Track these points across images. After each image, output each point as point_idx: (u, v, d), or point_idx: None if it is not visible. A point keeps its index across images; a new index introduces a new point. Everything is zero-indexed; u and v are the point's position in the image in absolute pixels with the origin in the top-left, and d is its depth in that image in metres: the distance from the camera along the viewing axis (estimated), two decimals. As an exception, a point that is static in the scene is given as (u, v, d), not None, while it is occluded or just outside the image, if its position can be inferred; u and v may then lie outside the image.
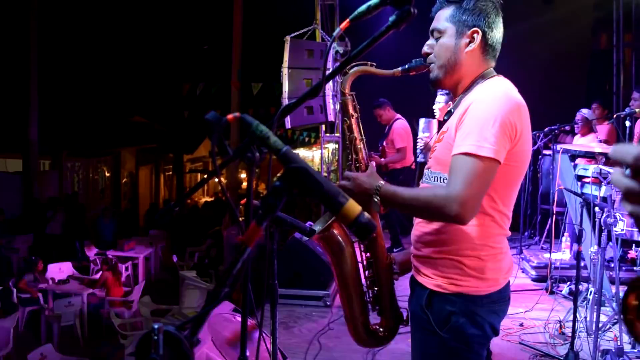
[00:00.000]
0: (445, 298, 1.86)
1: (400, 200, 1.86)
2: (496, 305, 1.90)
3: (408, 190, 1.87)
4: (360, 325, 2.12)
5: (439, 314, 1.87)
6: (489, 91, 1.84)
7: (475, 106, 1.79)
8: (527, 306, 5.14)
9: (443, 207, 1.71)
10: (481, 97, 1.81)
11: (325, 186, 0.95)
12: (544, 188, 7.28)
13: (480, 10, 1.88)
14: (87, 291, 9.05)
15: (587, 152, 5.74)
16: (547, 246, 6.67)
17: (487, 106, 1.77)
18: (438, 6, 1.97)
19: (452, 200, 1.69)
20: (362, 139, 2.08)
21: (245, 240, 0.99)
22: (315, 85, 1.30)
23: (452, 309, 1.85)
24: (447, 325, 1.85)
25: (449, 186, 1.73)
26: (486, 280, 1.85)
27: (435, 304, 1.88)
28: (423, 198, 1.80)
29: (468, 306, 1.84)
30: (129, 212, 17.44)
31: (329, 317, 4.93)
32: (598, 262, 4.19)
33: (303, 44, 7.27)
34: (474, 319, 1.84)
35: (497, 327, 1.93)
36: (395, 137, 6.85)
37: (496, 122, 1.72)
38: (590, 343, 3.88)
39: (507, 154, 1.76)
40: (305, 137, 18.61)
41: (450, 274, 1.86)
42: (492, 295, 1.87)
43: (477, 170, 1.70)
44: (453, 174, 1.75)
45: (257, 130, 1.00)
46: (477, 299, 1.85)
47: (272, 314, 1.94)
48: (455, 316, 1.84)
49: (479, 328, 1.85)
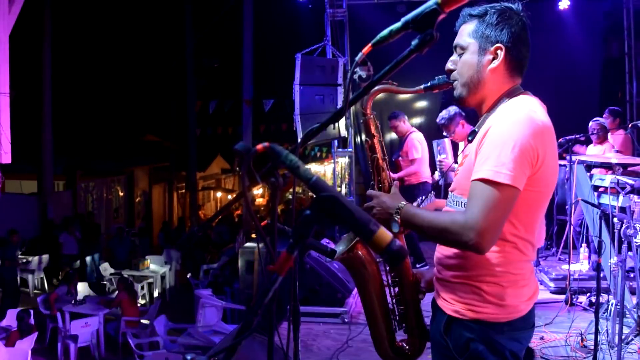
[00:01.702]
0: (463, 324, 1.81)
1: (420, 223, 1.82)
2: (518, 332, 1.83)
3: (428, 213, 1.83)
4: (386, 342, 2.11)
5: (457, 341, 1.82)
6: (510, 113, 1.76)
7: (494, 130, 1.73)
8: (547, 319, 5.07)
9: (460, 235, 1.67)
10: (502, 119, 1.75)
11: (356, 214, 0.95)
12: (559, 199, 7.23)
13: (504, 25, 1.82)
14: (103, 311, 9.08)
15: (603, 162, 5.69)
16: (565, 257, 6.61)
17: (507, 129, 1.71)
18: (461, 20, 1.91)
19: (469, 228, 1.65)
20: (385, 159, 2.08)
21: (277, 269, 0.99)
22: (339, 109, 1.31)
23: (470, 336, 1.80)
24: (466, 352, 1.80)
25: (466, 213, 1.69)
26: (506, 307, 1.79)
27: (453, 330, 1.84)
28: (441, 224, 1.74)
29: (487, 333, 1.79)
30: (143, 231, 17.49)
31: (347, 334, 4.90)
32: (619, 273, 4.14)
33: (314, 61, 7.32)
34: (494, 346, 1.78)
35: (520, 354, 1.86)
36: (410, 148, 6.78)
37: (515, 146, 1.66)
38: (614, 356, 3.82)
39: (528, 179, 1.70)
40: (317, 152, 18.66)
41: (468, 299, 1.81)
42: (513, 322, 1.81)
43: (494, 198, 1.65)
44: (471, 200, 1.70)
45: (286, 160, 1.01)
46: (497, 326, 1.79)
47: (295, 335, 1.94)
48: (473, 343, 1.79)
49: (498, 356, 1.79)
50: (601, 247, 4.14)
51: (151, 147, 22.33)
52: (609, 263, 4.59)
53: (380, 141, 2.09)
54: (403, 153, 6.85)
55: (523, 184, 1.69)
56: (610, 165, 5.49)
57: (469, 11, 1.88)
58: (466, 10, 1.89)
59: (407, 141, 6.79)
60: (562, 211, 7.13)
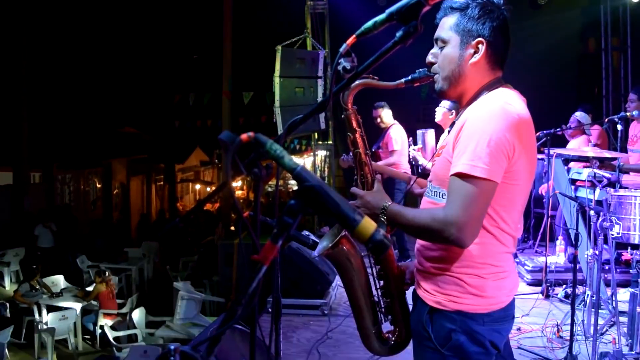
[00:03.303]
0: (445, 315, 1.83)
1: (404, 221, 1.83)
2: (498, 323, 1.85)
3: (411, 211, 1.83)
4: (372, 335, 2.12)
5: (439, 332, 1.84)
6: (485, 106, 1.76)
7: (470, 123, 1.74)
8: (524, 310, 5.13)
9: (442, 232, 1.68)
10: (477, 113, 1.75)
11: (340, 204, 0.96)
12: (536, 192, 7.31)
13: (485, 19, 1.81)
14: (80, 304, 9.00)
15: (581, 156, 5.76)
16: (542, 250, 6.69)
17: (482, 123, 1.71)
18: (442, 13, 1.89)
19: (450, 224, 1.66)
20: (368, 153, 2.07)
21: (261, 259, 0.99)
22: (323, 101, 1.31)
23: (452, 327, 1.81)
24: (447, 342, 1.81)
25: (446, 209, 1.70)
26: (487, 299, 1.81)
27: (435, 321, 1.85)
28: (422, 221, 1.76)
29: (468, 324, 1.80)
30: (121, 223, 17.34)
31: (327, 326, 4.91)
32: (594, 265, 4.21)
33: (295, 53, 7.30)
34: (474, 337, 1.80)
35: (500, 345, 1.88)
36: (390, 139, 6.82)
37: (491, 140, 1.67)
38: (589, 346, 3.88)
39: (505, 172, 1.72)
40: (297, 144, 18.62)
41: (450, 291, 1.82)
42: (493, 313, 1.82)
43: (472, 192, 1.66)
44: (450, 196, 1.72)
45: (271, 150, 1.00)
46: (478, 317, 1.81)
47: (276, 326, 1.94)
48: (455, 334, 1.80)
49: (480, 346, 1.81)
50: (578, 239, 4.20)
51: (129, 139, 22.11)
52: (585, 255, 4.66)
53: (362, 136, 2.08)
54: (383, 144, 6.89)
55: (500, 177, 1.70)
56: (587, 158, 5.56)
57: (450, 4, 1.87)
58: (447, 3, 1.88)
59: (388, 133, 6.84)
60: (539, 204, 7.22)
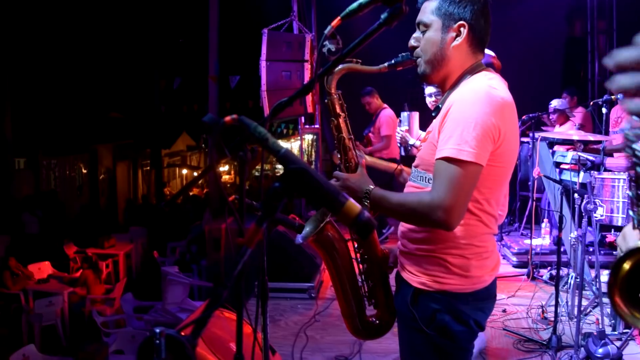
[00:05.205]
0: (429, 296, 1.85)
1: (388, 206, 1.84)
2: (482, 302, 1.89)
3: (396, 195, 1.84)
4: (356, 318, 2.13)
5: (424, 312, 1.86)
6: (470, 91, 1.77)
7: (456, 107, 1.74)
8: (509, 292, 5.20)
9: (428, 215, 1.69)
10: (462, 97, 1.76)
11: (325, 186, 0.96)
12: (522, 175, 7.36)
13: (467, 2, 1.81)
14: (67, 290, 8.95)
15: (565, 139, 5.81)
16: (527, 232, 6.76)
17: (468, 107, 1.72)
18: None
19: (436, 207, 1.67)
20: (351, 138, 2.06)
21: (246, 242, 0.99)
22: (307, 84, 1.30)
23: (436, 307, 1.84)
24: (432, 322, 1.84)
25: (432, 192, 1.71)
26: (471, 278, 1.84)
27: (420, 302, 1.87)
28: (409, 205, 1.78)
29: (453, 304, 1.83)
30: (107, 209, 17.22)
31: (314, 309, 4.94)
32: (578, 247, 4.26)
33: (281, 36, 7.24)
34: (459, 316, 1.84)
35: (483, 323, 1.92)
36: (383, 124, 6.84)
37: (477, 124, 1.68)
38: (573, 327, 3.94)
39: (490, 155, 1.73)
40: (284, 128, 18.58)
41: (434, 271, 1.84)
42: (477, 293, 1.86)
43: (459, 175, 1.67)
44: (436, 180, 1.73)
45: (255, 132, 1.00)
46: (462, 296, 1.84)
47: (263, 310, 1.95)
48: (440, 314, 1.83)
49: (464, 325, 1.85)
50: (562, 222, 4.24)
51: (115, 124, 21.88)
52: (569, 237, 4.72)
53: (346, 120, 2.07)
54: (375, 129, 6.92)
55: (486, 160, 1.71)
56: (572, 141, 5.60)
57: None
58: None
59: (380, 117, 6.86)
60: (524, 187, 7.28)
